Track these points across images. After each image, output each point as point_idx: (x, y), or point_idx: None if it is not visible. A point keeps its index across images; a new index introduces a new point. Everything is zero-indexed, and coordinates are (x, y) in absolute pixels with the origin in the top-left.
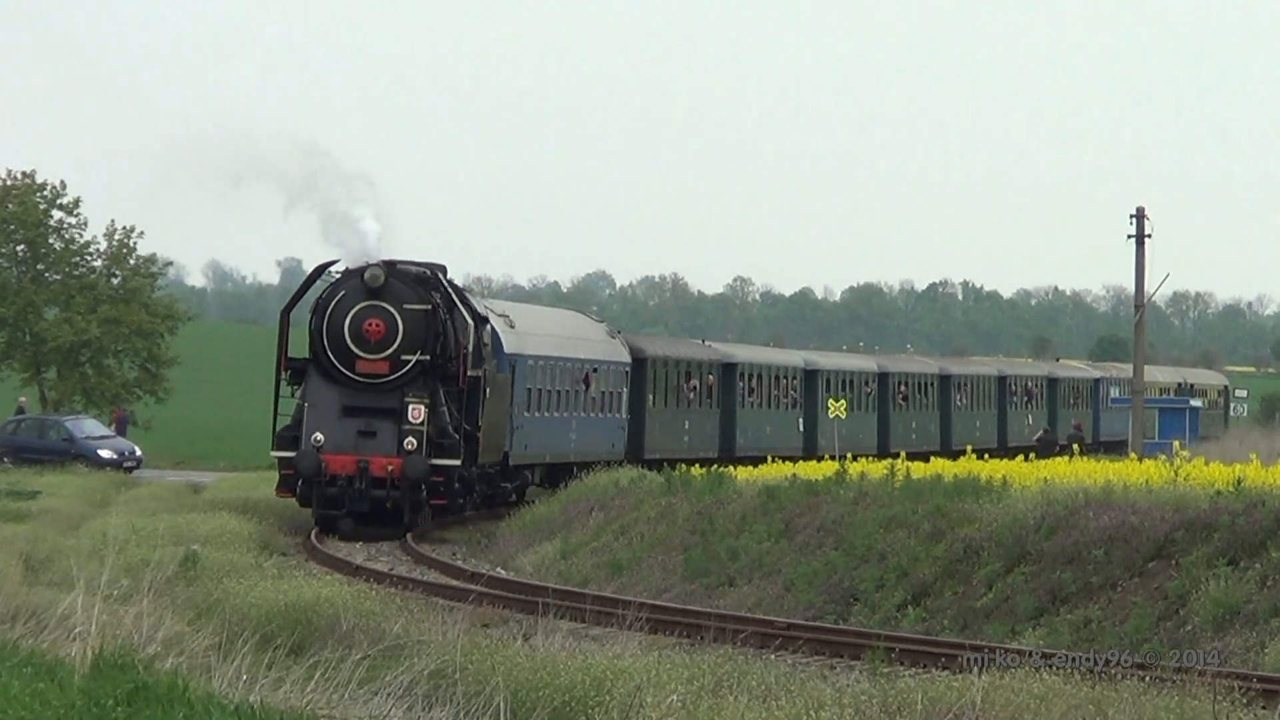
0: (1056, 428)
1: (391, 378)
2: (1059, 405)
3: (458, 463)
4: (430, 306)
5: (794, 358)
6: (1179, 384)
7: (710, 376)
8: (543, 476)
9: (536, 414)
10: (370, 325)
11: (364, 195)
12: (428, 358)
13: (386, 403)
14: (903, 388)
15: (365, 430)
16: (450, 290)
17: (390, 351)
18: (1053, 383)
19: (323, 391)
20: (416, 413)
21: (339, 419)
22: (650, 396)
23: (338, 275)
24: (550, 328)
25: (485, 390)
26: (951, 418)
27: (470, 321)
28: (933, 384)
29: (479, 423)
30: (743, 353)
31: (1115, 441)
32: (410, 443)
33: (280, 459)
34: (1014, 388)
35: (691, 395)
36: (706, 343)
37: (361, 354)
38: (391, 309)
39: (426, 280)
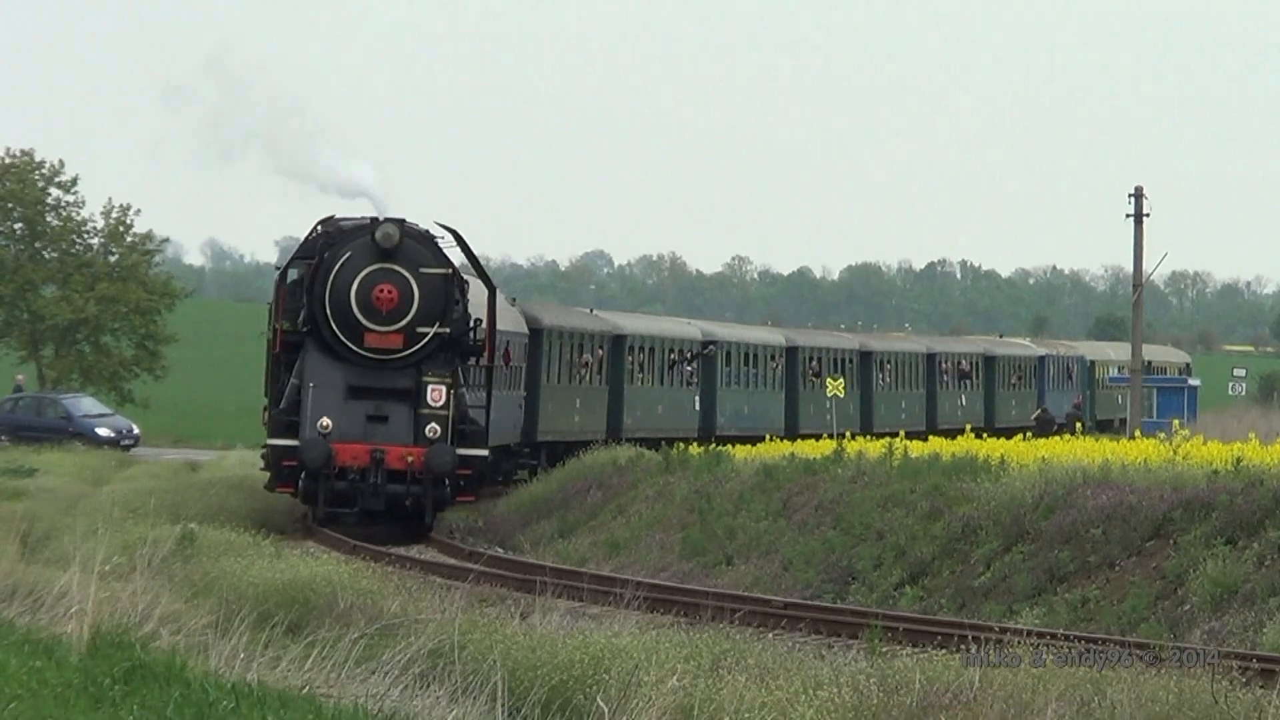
0: (994, 409)
1: (405, 353)
2: (997, 385)
3: (486, 453)
4: (449, 270)
5: (690, 330)
6: None
7: (600, 350)
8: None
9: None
10: (381, 292)
11: (364, 153)
12: (447, 330)
13: (399, 382)
14: (814, 364)
15: (375, 415)
16: (467, 251)
17: (404, 323)
18: (990, 361)
19: (323, 369)
20: (437, 395)
21: (344, 401)
22: (545, 372)
23: (329, 231)
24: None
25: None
26: (873, 398)
27: (485, 289)
28: (850, 360)
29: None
30: (631, 324)
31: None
32: (433, 429)
33: (278, 448)
34: (945, 366)
35: (584, 371)
36: (594, 312)
37: (371, 325)
38: (405, 273)
39: (439, 240)
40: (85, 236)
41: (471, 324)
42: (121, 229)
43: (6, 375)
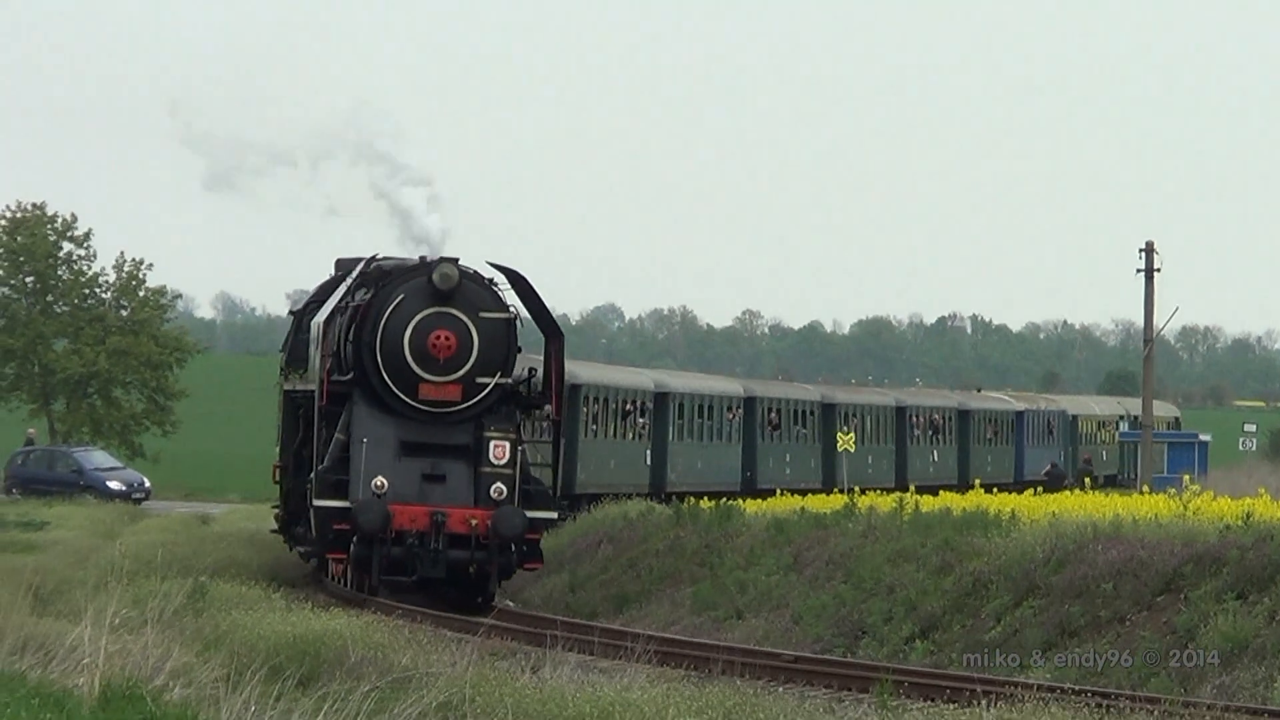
0: (969, 465)
1: (464, 406)
2: (972, 441)
3: (555, 515)
4: (511, 315)
5: (643, 379)
6: (1121, 416)
7: None
8: None
9: None
10: (438, 339)
11: (419, 180)
12: (509, 380)
13: (457, 438)
14: (773, 415)
15: (431, 474)
16: (530, 296)
17: (463, 372)
18: (964, 415)
19: (373, 424)
20: (500, 451)
21: (396, 459)
22: None
23: (368, 273)
24: None
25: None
26: (837, 451)
27: (552, 335)
28: (812, 413)
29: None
30: (587, 373)
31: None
32: (498, 490)
33: (325, 511)
34: (916, 419)
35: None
36: None
37: (427, 376)
38: (464, 318)
39: (500, 282)
40: (97, 290)
41: (527, 373)
42: (134, 283)
43: (18, 428)
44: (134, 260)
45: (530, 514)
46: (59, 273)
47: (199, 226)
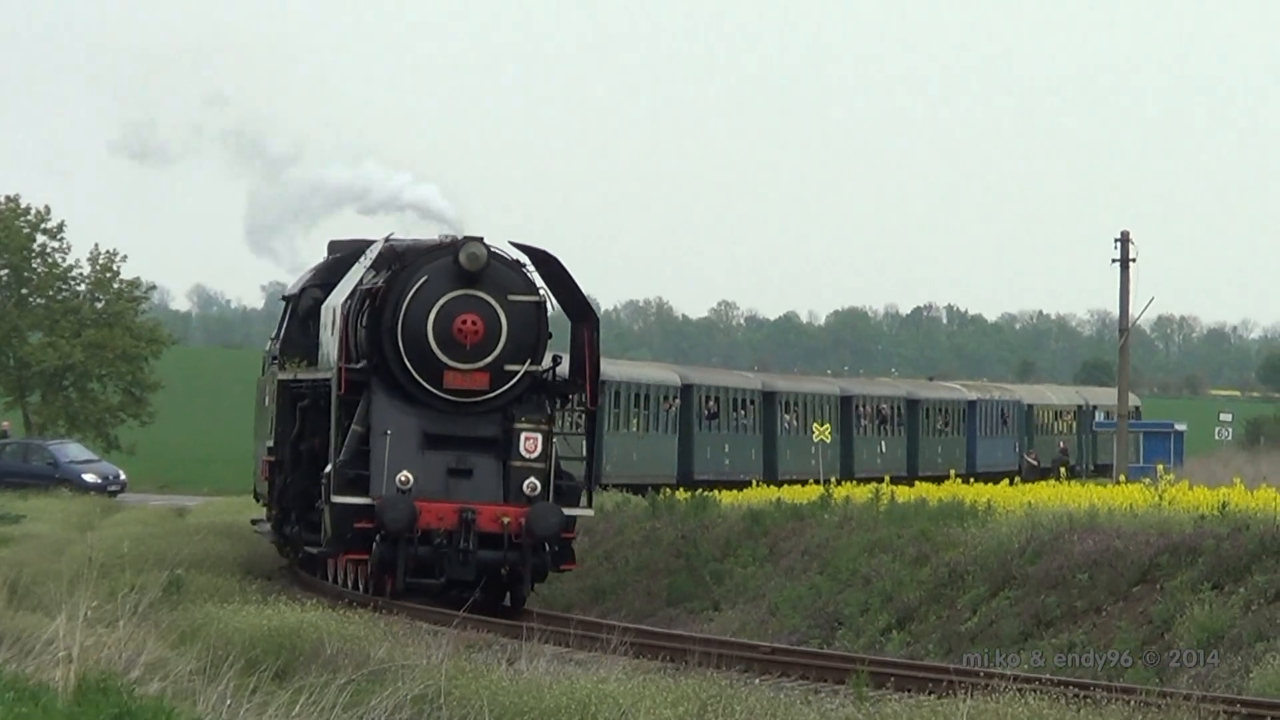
0: (918, 457)
1: (492, 395)
2: (921, 431)
3: (590, 512)
4: (540, 299)
5: None
6: (1079, 406)
7: None
8: None
9: None
10: (464, 323)
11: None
12: (539, 368)
13: (484, 430)
14: (711, 404)
15: (458, 468)
16: (561, 279)
17: (491, 359)
18: (913, 405)
19: (394, 415)
20: (532, 444)
21: (420, 453)
22: None
23: (384, 253)
24: None
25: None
26: (777, 441)
27: (585, 318)
28: (752, 401)
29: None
30: None
31: (997, 473)
32: (531, 485)
33: (344, 508)
34: (863, 409)
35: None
36: None
37: (452, 363)
38: (492, 301)
39: (526, 264)
40: (72, 283)
41: (552, 361)
42: (108, 275)
43: None
44: (108, 252)
45: (565, 511)
46: (33, 265)
47: (175, 217)
